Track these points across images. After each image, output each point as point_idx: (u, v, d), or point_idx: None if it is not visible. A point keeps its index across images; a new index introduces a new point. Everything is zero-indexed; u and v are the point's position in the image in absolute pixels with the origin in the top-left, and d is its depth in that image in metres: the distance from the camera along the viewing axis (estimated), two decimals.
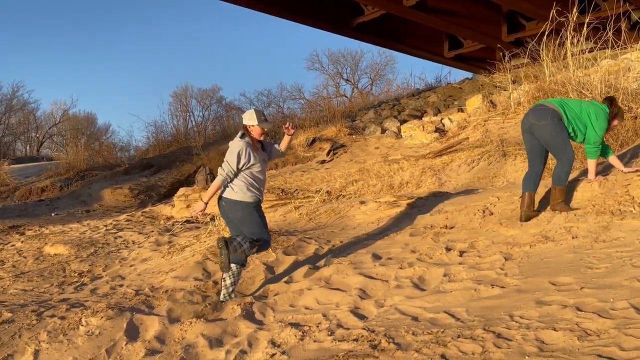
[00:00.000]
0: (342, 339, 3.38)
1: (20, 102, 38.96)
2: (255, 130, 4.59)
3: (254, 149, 4.59)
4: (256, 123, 4.55)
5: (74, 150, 18.80)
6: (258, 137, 4.64)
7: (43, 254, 7.32)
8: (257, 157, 4.60)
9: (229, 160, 4.53)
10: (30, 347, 3.77)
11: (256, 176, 4.64)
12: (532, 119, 5.04)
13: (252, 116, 4.58)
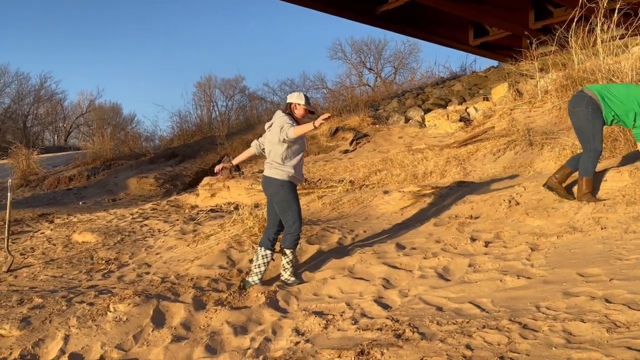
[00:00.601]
0: (366, 328, 3.38)
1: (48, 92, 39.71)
2: (300, 109, 4.65)
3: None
4: (303, 103, 4.63)
5: (101, 140, 19.09)
6: (299, 117, 4.67)
7: (71, 241, 7.46)
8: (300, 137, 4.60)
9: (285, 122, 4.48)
10: (60, 332, 3.85)
11: (299, 154, 4.67)
12: (570, 104, 5.02)
13: (300, 96, 4.68)
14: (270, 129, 4.71)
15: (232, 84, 37.63)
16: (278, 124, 4.57)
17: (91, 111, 41.42)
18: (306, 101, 4.66)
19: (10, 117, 36.74)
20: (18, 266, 6.18)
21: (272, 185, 4.64)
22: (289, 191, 4.62)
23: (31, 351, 3.65)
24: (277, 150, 4.60)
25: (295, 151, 4.64)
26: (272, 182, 4.63)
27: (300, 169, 4.72)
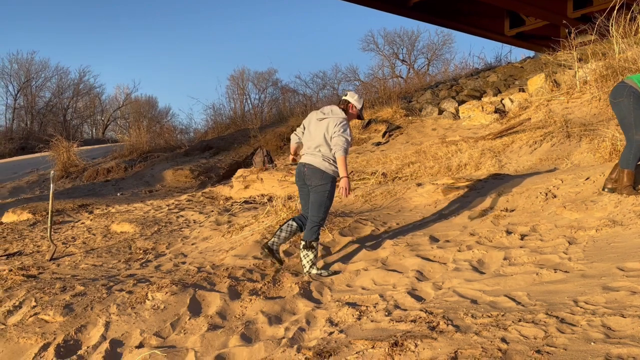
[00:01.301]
0: (400, 320, 3.39)
1: (86, 86, 40.60)
2: (354, 113, 4.79)
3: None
4: (359, 107, 4.80)
5: (137, 133, 19.47)
6: (350, 119, 4.80)
7: (110, 231, 7.66)
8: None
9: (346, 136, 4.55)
10: (101, 318, 3.98)
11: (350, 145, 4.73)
12: (610, 96, 4.88)
13: (360, 101, 4.82)
14: (322, 123, 4.70)
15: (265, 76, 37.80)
16: (336, 127, 4.57)
17: (128, 104, 42.21)
18: (362, 107, 4.86)
19: (51, 110, 37.76)
20: (60, 255, 6.39)
21: (319, 176, 4.64)
22: (333, 187, 4.70)
23: (74, 336, 3.78)
24: (328, 146, 4.65)
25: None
26: (321, 175, 4.63)
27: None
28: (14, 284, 4.99)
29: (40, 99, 37.81)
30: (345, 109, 4.74)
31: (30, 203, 10.81)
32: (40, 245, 7.18)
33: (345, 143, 4.54)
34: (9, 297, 4.43)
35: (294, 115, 17.78)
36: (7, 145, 28.75)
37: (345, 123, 4.62)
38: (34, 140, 29.75)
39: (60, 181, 15.52)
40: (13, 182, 16.12)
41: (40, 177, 16.23)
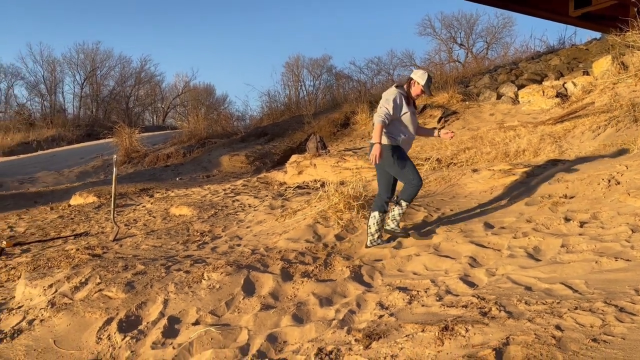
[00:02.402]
0: (451, 305, 3.36)
1: (147, 75, 41.88)
2: (417, 88, 4.82)
3: (407, 100, 4.80)
4: (422, 82, 4.77)
5: (195, 120, 19.95)
6: (414, 95, 4.86)
7: (169, 214, 7.94)
8: (409, 108, 4.80)
9: (385, 105, 4.71)
10: (160, 296, 4.15)
11: (406, 126, 4.81)
12: None
13: (423, 76, 4.80)
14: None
15: (320, 63, 37.77)
16: (381, 101, 4.78)
17: (186, 92, 43.24)
18: (426, 83, 4.78)
19: (115, 98, 39.25)
20: (123, 236, 6.68)
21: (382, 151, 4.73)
22: (397, 153, 4.76)
23: (135, 312, 3.96)
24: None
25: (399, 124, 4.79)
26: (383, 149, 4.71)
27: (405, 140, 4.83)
28: (80, 262, 5.28)
29: (105, 87, 39.40)
30: (408, 87, 4.84)
31: (95, 187, 11.34)
32: (104, 227, 7.53)
33: (383, 113, 4.66)
34: (75, 274, 4.68)
35: (348, 101, 17.72)
36: (75, 132, 30.14)
37: (389, 98, 4.72)
38: (99, 127, 31.05)
39: (122, 166, 16.16)
40: (80, 166, 16.91)
41: (104, 162, 16.94)
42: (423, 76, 4.79)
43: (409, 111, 4.78)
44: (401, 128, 4.80)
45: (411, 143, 5.02)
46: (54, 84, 37.89)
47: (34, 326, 3.89)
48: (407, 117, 4.78)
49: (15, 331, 3.84)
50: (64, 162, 18.54)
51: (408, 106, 4.78)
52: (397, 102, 4.71)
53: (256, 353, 3.24)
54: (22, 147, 26.14)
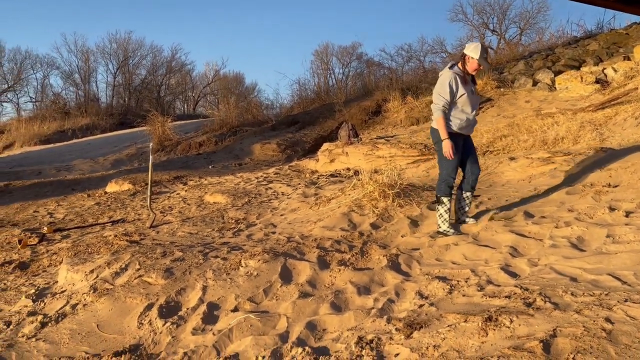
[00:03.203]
0: (493, 295, 3.30)
1: (178, 63, 42.16)
2: (472, 63, 4.55)
3: (463, 80, 4.56)
4: (477, 57, 4.49)
5: (226, 108, 20.06)
6: (471, 71, 4.61)
7: (204, 202, 8.01)
8: (466, 88, 4.56)
9: (440, 93, 4.56)
10: (199, 282, 4.19)
11: (462, 109, 4.61)
12: None
13: (477, 49, 4.51)
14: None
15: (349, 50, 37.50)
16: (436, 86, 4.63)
17: (216, 81, 43.48)
18: (481, 54, 4.48)
19: (146, 87, 39.68)
20: (159, 223, 6.77)
21: (434, 135, 4.73)
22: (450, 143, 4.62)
23: (174, 298, 4.01)
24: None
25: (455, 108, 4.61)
26: (435, 133, 4.69)
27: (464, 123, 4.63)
28: (119, 248, 5.37)
29: (137, 76, 39.82)
30: (463, 64, 4.59)
31: (130, 174, 11.52)
32: (140, 214, 7.65)
33: (440, 103, 4.53)
34: (115, 260, 4.76)
35: (379, 89, 17.57)
36: (108, 121, 30.66)
37: (444, 82, 4.55)
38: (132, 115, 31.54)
39: (156, 154, 16.36)
40: (114, 154, 17.21)
41: (138, 151, 17.21)
42: (476, 49, 4.49)
43: (466, 92, 4.53)
44: (456, 113, 4.59)
45: (472, 126, 4.74)
46: (88, 73, 38.51)
47: (77, 310, 3.97)
48: (464, 98, 4.54)
49: (59, 315, 3.93)
50: (99, 150, 18.90)
51: (465, 86, 4.53)
52: (452, 86, 4.50)
53: (296, 340, 3.24)
54: (57, 136, 26.75)
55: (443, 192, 4.77)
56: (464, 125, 4.63)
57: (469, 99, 4.57)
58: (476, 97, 4.70)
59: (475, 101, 4.66)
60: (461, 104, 4.57)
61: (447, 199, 4.77)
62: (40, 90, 39.38)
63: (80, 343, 3.57)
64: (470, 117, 4.64)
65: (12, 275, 5.21)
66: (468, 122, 4.65)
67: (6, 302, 4.46)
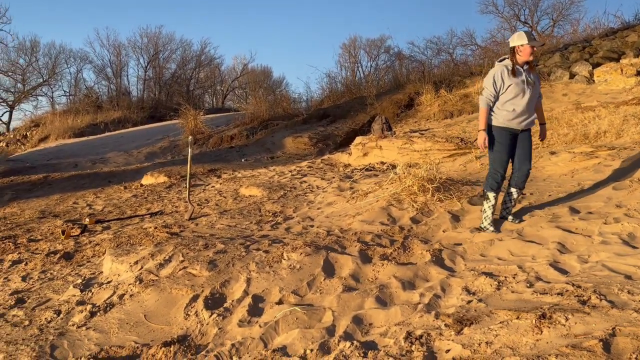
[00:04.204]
0: (544, 292, 3.24)
1: (207, 57, 42.47)
2: (525, 50, 4.47)
3: (512, 72, 4.50)
4: (526, 42, 4.43)
5: (257, 102, 20.14)
6: (527, 58, 4.50)
7: (239, 194, 8.07)
8: (514, 79, 4.49)
9: (486, 85, 4.60)
10: (242, 275, 4.22)
11: (511, 101, 4.53)
12: None
13: (521, 36, 4.47)
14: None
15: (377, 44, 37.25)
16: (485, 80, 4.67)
17: (245, 74, 43.71)
18: (528, 38, 4.43)
19: (176, 81, 40.10)
20: (197, 215, 6.84)
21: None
22: (493, 136, 4.62)
23: (219, 290, 4.05)
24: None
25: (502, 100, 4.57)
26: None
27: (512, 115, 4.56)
28: (161, 240, 5.44)
29: (167, 70, 40.25)
30: (513, 57, 4.52)
31: (165, 167, 11.67)
32: (177, 206, 7.74)
33: (485, 95, 4.59)
34: (159, 251, 4.83)
35: (410, 81, 17.41)
36: (139, 114, 31.11)
37: (490, 75, 4.60)
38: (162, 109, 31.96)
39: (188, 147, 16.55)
40: (147, 147, 17.45)
41: (171, 143, 17.41)
42: (521, 36, 4.44)
43: (513, 82, 4.46)
44: (503, 106, 4.53)
45: (524, 119, 4.57)
46: (120, 67, 39.10)
47: (125, 301, 4.04)
48: (512, 89, 4.47)
49: (107, 305, 4.01)
50: (132, 143, 19.19)
51: (514, 77, 4.47)
52: (497, 79, 4.49)
53: (343, 334, 3.23)
54: (90, 129, 27.27)
55: (489, 187, 4.71)
56: (512, 118, 4.54)
57: (518, 90, 4.47)
58: (532, 87, 4.54)
59: (527, 93, 4.50)
60: (508, 96, 4.49)
61: (492, 194, 4.70)
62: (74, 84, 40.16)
63: (129, 333, 3.64)
64: (519, 109, 4.51)
65: (57, 265, 5.33)
66: (516, 115, 4.53)
67: (54, 292, 4.56)
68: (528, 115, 4.57)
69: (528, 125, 4.63)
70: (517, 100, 4.49)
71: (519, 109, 4.51)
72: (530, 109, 4.58)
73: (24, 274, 5.15)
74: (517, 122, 4.56)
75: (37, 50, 38.08)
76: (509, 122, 4.56)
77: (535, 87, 4.57)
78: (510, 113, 4.52)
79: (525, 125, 4.60)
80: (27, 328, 3.82)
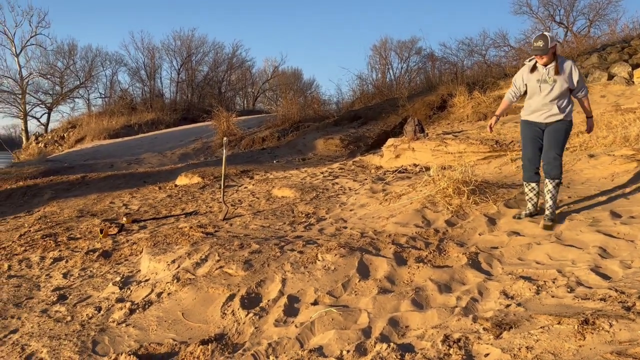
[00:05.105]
0: (585, 297, 3.17)
1: (239, 60, 42.93)
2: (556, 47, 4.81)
3: (531, 70, 4.78)
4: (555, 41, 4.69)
5: (288, 104, 20.24)
6: (539, 61, 4.70)
7: (272, 195, 8.12)
8: (531, 78, 4.78)
9: (513, 81, 5.06)
10: (278, 275, 4.24)
11: (529, 96, 4.87)
12: None
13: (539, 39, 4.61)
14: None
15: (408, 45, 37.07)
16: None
17: (275, 77, 44.00)
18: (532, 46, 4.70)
19: (208, 83, 40.63)
20: (231, 216, 6.91)
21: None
22: (521, 129, 5.06)
23: (255, 290, 4.08)
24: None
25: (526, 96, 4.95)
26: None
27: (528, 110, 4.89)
28: (197, 239, 5.52)
29: (199, 72, 40.83)
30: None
31: (198, 168, 11.83)
32: (211, 206, 7.84)
33: (510, 88, 5.17)
34: (195, 251, 4.90)
35: (443, 83, 17.25)
36: (172, 116, 31.66)
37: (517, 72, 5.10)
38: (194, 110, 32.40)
39: (220, 149, 16.73)
40: (181, 148, 17.72)
41: (204, 145, 17.64)
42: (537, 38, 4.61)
43: (530, 80, 4.78)
44: (526, 101, 4.91)
45: (542, 113, 4.78)
46: (153, 69, 39.82)
47: (163, 299, 4.12)
48: (529, 87, 4.82)
49: (146, 302, 4.09)
50: (165, 144, 19.51)
51: (533, 74, 4.76)
52: (517, 77, 4.95)
53: (379, 336, 3.23)
54: (125, 130, 27.86)
55: (523, 177, 5.00)
56: (529, 112, 4.88)
57: (534, 89, 4.77)
58: (549, 86, 4.68)
59: (546, 90, 4.69)
60: (529, 92, 4.87)
61: (525, 184, 5.01)
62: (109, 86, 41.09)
63: (168, 330, 3.70)
64: (534, 105, 4.81)
65: (96, 263, 5.46)
66: (532, 110, 4.84)
67: (94, 289, 4.67)
68: (545, 110, 4.78)
69: (548, 119, 4.79)
70: (533, 97, 4.84)
71: (534, 105, 4.82)
72: (549, 106, 4.74)
73: (64, 271, 5.29)
74: (534, 116, 4.86)
75: (74, 54, 39.16)
76: (527, 116, 4.91)
77: (555, 88, 4.66)
78: (527, 108, 4.90)
79: (545, 119, 4.80)
80: (70, 324, 3.92)
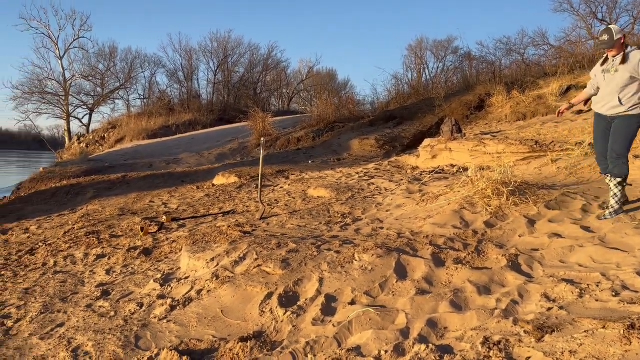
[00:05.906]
0: (632, 302, 3.09)
1: (274, 61, 43.27)
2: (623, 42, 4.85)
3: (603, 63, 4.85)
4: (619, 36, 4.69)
5: (323, 104, 20.29)
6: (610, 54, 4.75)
7: (308, 196, 8.16)
8: (598, 69, 4.90)
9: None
10: (315, 274, 4.27)
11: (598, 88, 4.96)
12: None
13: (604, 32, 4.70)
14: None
15: (444, 45, 36.69)
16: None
17: (310, 77, 44.15)
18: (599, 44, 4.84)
19: (244, 84, 41.10)
20: (268, 215, 6.98)
21: None
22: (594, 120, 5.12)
23: (292, 289, 4.12)
24: None
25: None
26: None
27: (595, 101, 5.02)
28: (235, 238, 5.60)
29: (236, 74, 41.34)
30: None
31: (235, 168, 11.98)
32: (248, 206, 7.93)
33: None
34: (233, 249, 4.97)
35: (480, 83, 17.00)
36: (209, 117, 32.14)
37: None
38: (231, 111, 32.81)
39: (256, 149, 16.90)
40: (218, 149, 17.98)
41: (240, 145, 17.85)
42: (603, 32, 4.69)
43: (597, 72, 4.90)
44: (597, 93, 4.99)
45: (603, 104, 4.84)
46: (191, 71, 40.49)
47: (202, 296, 4.19)
48: (597, 78, 4.91)
49: (186, 299, 4.17)
50: (203, 144, 19.82)
51: (601, 67, 4.85)
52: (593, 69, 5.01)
53: (417, 337, 3.21)
54: (163, 131, 28.43)
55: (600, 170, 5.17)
56: (595, 102, 4.97)
57: (599, 79, 4.88)
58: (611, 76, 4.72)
59: (610, 81, 4.72)
60: (598, 83, 4.94)
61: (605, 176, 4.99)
62: (148, 87, 41.99)
63: (207, 327, 3.77)
64: (599, 96, 4.90)
65: (138, 260, 5.59)
66: (597, 101, 4.94)
67: (136, 285, 4.79)
68: (607, 102, 4.80)
69: (609, 111, 4.79)
70: (600, 88, 4.89)
71: (599, 95, 4.92)
72: (610, 96, 4.75)
73: (107, 267, 5.44)
74: (598, 107, 4.94)
75: (115, 56, 40.18)
76: (594, 106, 5.00)
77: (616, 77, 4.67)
78: (594, 99, 5.01)
79: (606, 110, 4.81)
80: (113, 319, 4.04)
